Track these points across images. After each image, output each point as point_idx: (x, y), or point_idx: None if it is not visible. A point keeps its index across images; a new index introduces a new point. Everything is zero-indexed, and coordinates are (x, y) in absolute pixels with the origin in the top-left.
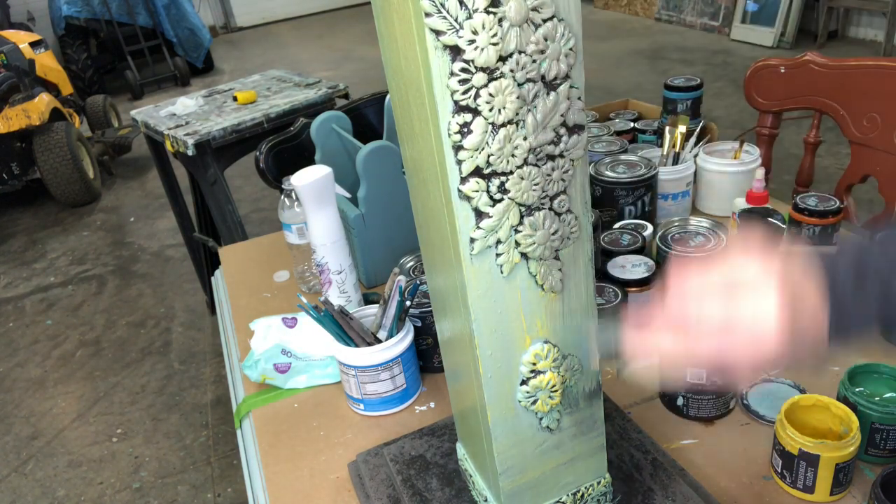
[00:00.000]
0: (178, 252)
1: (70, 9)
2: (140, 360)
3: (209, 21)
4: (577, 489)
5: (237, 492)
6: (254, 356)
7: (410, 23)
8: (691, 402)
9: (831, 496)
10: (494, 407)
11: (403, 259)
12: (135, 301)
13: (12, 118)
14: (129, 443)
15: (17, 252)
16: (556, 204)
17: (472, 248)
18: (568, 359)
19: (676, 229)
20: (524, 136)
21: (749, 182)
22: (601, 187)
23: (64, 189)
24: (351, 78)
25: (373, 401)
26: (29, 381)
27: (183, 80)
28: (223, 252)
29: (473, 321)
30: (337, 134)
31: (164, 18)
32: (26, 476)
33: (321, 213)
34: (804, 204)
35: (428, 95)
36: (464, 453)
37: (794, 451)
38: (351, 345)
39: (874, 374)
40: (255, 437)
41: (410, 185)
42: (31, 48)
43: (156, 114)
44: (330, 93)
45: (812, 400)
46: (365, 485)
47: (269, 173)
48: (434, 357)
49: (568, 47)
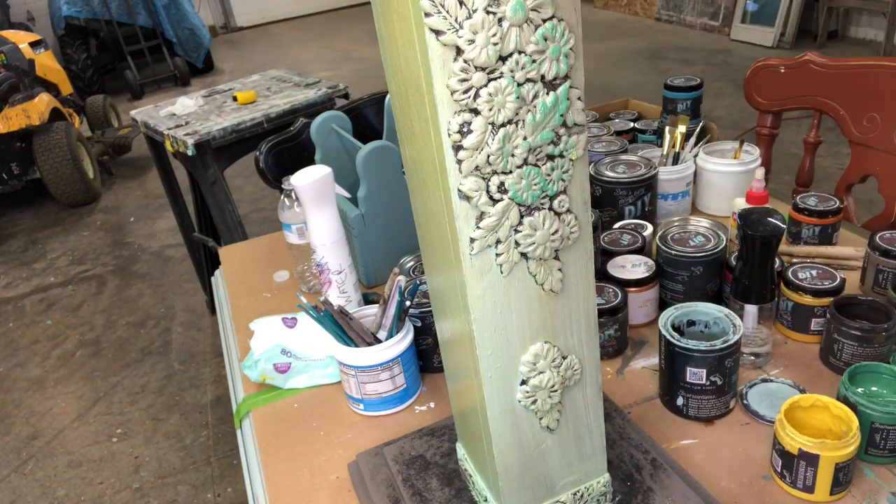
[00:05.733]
0: (178, 252)
1: (70, 9)
2: (140, 360)
3: (209, 21)
4: (577, 489)
5: (237, 492)
6: (254, 356)
7: (410, 23)
8: (691, 402)
9: (831, 496)
10: (494, 407)
11: (403, 259)
12: (135, 301)
13: (12, 118)
14: (129, 443)
15: (17, 252)
16: (556, 204)
17: (472, 248)
18: (568, 359)
19: (676, 229)
20: (524, 135)
21: (749, 182)
22: (601, 187)
23: (64, 189)
24: (351, 78)
25: (373, 401)
26: (29, 381)
27: (183, 80)
28: (223, 252)
29: (473, 321)
30: (337, 134)
31: (164, 18)
32: (26, 476)
33: (321, 213)
34: (804, 204)
35: (428, 95)
36: (464, 453)
37: (793, 451)
38: (351, 345)
39: (874, 374)
40: (255, 437)
41: (410, 185)
42: (31, 48)
43: (156, 114)
44: (330, 93)
45: (812, 400)
46: (365, 485)
47: (269, 173)
48: (434, 357)
49: (568, 47)
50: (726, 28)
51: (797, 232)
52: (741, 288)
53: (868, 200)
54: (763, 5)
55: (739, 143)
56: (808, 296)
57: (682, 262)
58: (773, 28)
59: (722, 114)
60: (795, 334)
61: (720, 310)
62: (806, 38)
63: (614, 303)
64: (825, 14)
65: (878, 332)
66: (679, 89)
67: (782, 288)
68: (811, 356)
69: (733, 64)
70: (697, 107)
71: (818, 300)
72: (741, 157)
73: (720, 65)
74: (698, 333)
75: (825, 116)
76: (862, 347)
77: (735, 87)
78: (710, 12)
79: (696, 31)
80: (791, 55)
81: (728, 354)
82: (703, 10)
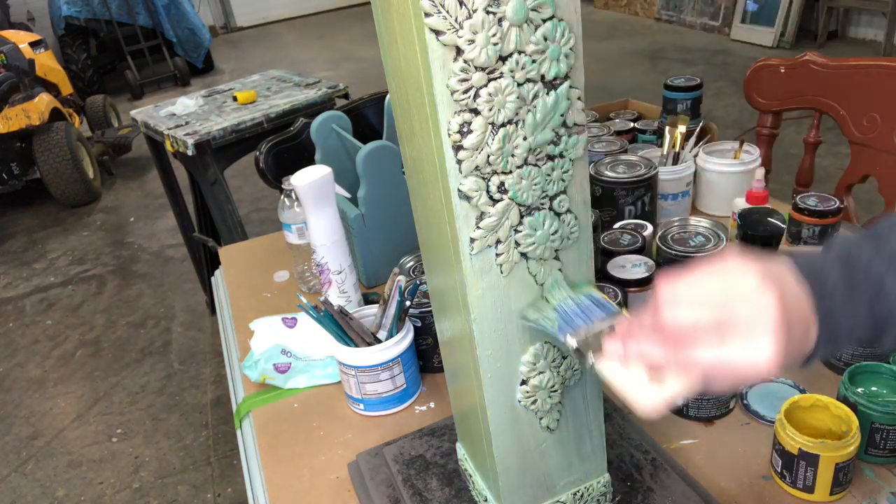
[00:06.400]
0: (178, 252)
1: (70, 9)
2: (140, 360)
3: (209, 21)
4: (577, 489)
5: (237, 492)
6: (254, 356)
7: (410, 23)
8: (691, 402)
9: (831, 496)
10: (494, 407)
11: (403, 259)
12: (135, 301)
13: (12, 118)
14: (129, 443)
15: (17, 252)
16: (556, 204)
17: (472, 248)
18: (568, 359)
19: (676, 229)
20: (524, 135)
21: (749, 182)
22: (601, 187)
23: (64, 189)
24: (351, 78)
25: (373, 401)
26: (29, 381)
27: (183, 80)
28: (223, 252)
29: (473, 321)
30: (337, 134)
31: (164, 18)
32: (26, 476)
33: (321, 213)
34: (804, 204)
35: (428, 95)
36: (464, 453)
37: (793, 451)
38: (351, 345)
39: (874, 374)
40: (255, 437)
41: (410, 185)
42: (31, 48)
43: (156, 114)
44: (330, 93)
45: (812, 400)
46: (365, 485)
47: (269, 173)
48: (434, 357)
49: (568, 47)
50: (726, 28)
51: (797, 232)
52: None
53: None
54: (763, 5)
55: (739, 143)
56: None
57: (682, 262)
58: (773, 28)
59: (722, 114)
60: None
61: None
62: (806, 38)
63: (614, 303)
64: (825, 14)
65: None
66: (679, 89)
67: None
68: None
69: (733, 64)
70: (697, 107)
71: None
72: (741, 157)
73: (720, 65)
74: None
75: (825, 116)
76: (862, 347)
77: (735, 87)
78: (710, 12)
79: (696, 31)
80: (791, 55)
81: None
82: (703, 10)
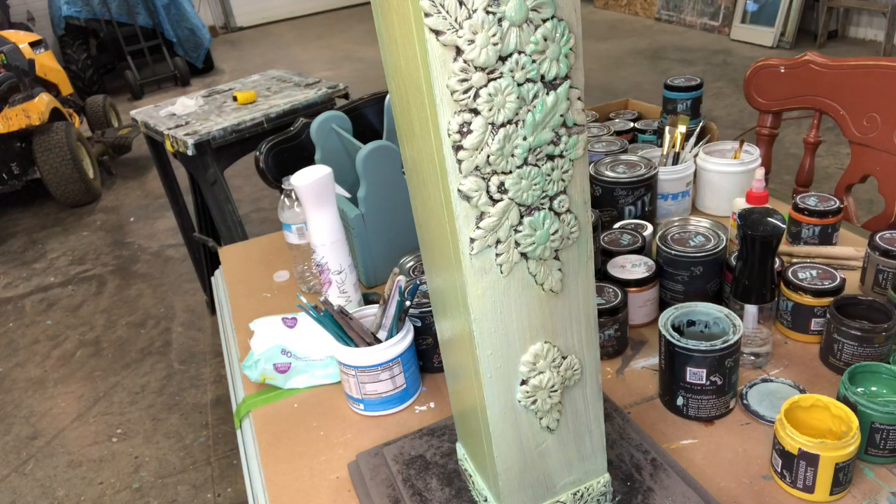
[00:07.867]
0: (178, 252)
1: (70, 9)
2: (140, 360)
3: (209, 21)
4: (577, 489)
5: (237, 492)
6: (254, 356)
7: (410, 23)
8: (691, 402)
9: (831, 496)
10: (494, 407)
11: (403, 259)
12: (135, 301)
13: (12, 118)
14: (129, 443)
15: (17, 252)
16: (556, 204)
17: (472, 247)
18: (568, 359)
19: (676, 229)
20: (524, 135)
21: (749, 182)
22: (601, 187)
23: (64, 189)
24: (351, 78)
25: (373, 401)
26: (29, 381)
27: (183, 80)
28: (223, 252)
29: (473, 321)
30: (337, 134)
31: (164, 18)
32: (26, 476)
33: (321, 213)
34: (804, 204)
35: (428, 95)
36: (464, 453)
37: (793, 451)
38: (351, 345)
39: (874, 374)
40: (255, 437)
41: (410, 185)
42: (31, 48)
43: (156, 114)
44: (330, 93)
45: (812, 400)
46: (365, 485)
47: (269, 173)
48: (434, 357)
49: (568, 47)
50: (726, 28)
51: (797, 232)
52: (741, 288)
53: (868, 200)
54: (763, 5)
55: (739, 143)
56: (808, 296)
57: (682, 262)
58: (773, 28)
59: (722, 114)
60: (795, 334)
61: (720, 310)
62: (806, 38)
63: (614, 303)
64: (825, 14)
65: (878, 332)
66: (679, 89)
67: (782, 288)
68: (811, 356)
69: (733, 64)
70: (697, 107)
71: (818, 300)
72: (741, 157)
73: (720, 65)
74: (698, 333)
75: (825, 116)
76: (862, 347)
77: (735, 87)
78: (710, 12)
79: (696, 31)
80: (791, 55)
81: (728, 354)
82: (703, 10)
